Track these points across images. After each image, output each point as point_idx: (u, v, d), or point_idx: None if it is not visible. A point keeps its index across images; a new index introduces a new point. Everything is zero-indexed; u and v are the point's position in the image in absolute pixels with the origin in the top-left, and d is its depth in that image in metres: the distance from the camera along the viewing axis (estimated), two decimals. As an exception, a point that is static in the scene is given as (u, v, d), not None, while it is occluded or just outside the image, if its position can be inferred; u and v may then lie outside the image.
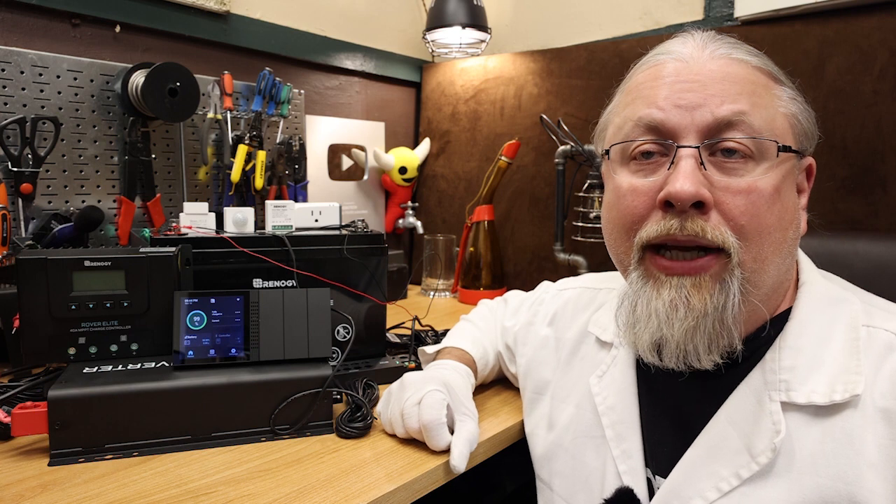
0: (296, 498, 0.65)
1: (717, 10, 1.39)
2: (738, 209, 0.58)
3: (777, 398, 0.59)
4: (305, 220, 1.07)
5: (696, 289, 0.59)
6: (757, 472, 0.58)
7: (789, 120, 0.62)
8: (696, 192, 0.57)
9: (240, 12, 1.42)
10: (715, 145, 0.59)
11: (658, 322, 0.60)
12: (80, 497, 0.64)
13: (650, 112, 0.61)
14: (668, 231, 0.59)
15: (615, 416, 0.71)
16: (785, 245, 0.61)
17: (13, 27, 1.11)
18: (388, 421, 0.79)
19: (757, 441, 0.59)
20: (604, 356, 0.76)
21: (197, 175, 1.37)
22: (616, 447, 0.69)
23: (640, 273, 0.63)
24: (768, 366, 0.61)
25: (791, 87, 0.64)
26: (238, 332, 0.80)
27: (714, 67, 0.61)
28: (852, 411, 0.56)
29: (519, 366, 0.89)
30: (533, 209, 1.64)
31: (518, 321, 0.93)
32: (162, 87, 1.18)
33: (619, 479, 0.67)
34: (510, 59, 1.69)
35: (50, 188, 1.15)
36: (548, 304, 0.89)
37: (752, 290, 0.59)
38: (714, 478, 0.60)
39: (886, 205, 1.13)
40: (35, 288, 0.77)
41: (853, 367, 0.58)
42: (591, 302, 0.84)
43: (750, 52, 0.64)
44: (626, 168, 0.65)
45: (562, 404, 0.79)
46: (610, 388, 0.73)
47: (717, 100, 0.59)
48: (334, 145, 1.70)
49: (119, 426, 0.72)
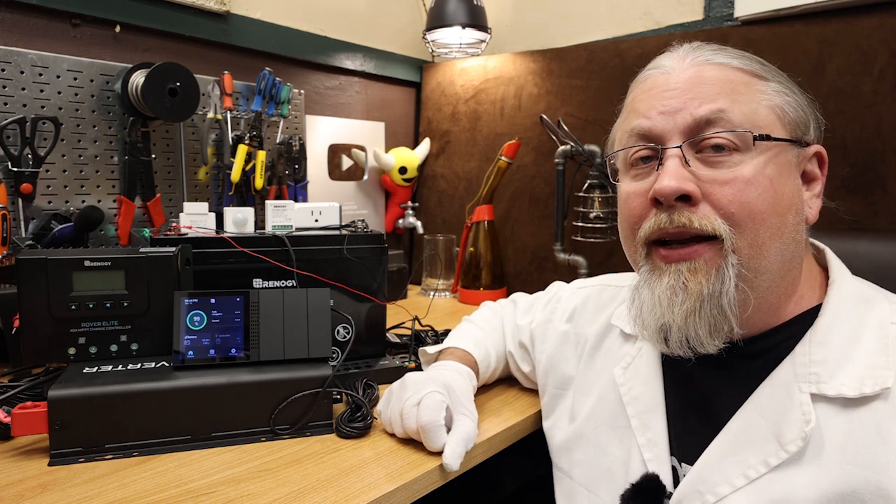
0: (296, 498, 0.65)
1: (717, 10, 1.38)
2: (725, 198, 0.62)
3: (807, 390, 0.60)
4: (305, 220, 1.07)
5: (692, 273, 0.62)
6: (785, 461, 0.59)
7: (775, 111, 0.65)
8: (679, 187, 0.62)
9: (240, 12, 1.42)
10: (700, 143, 0.64)
11: (661, 309, 0.63)
12: (80, 497, 0.64)
13: (640, 122, 0.67)
14: (660, 225, 0.64)
15: (640, 405, 0.73)
16: (785, 230, 0.63)
17: (13, 27, 1.11)
18: (387, 420, 0.79)
19: (786, 430, 0.60)
20: (628, 348, 0.78)
21: (197, 175, 1.37)
22: (641, 435, 0.71)
23: (647, 267, 0.67)
24: (798, 359, 0.62)
25: (778, 82, 0.67)
26: (238, 332, 0.80)
27: (692, 73, 0.66)
28: (882, 403, 0.57)
29: (538, 362, 0.90)
30: (533, 209, 1.64)
31: (534, 319, 0.94)
32: (162, 87, 1.18)
33: (645, 466, 0.69)
34: (510, 59, 1.69)
35: (50, 188, 1.15)
36: (566, 302, 0.91)
37: (753, 275, 0.62)
38: (742, 465, 0.61)
39: (886, 205, 1.13)
40: (35, 288, 0.77)
41: (882, 362, 0.59)
42: (613, 298, 0.86)
43: (731, 55, 0.67)
44: (628, 175, 0.71)
45: (584, 397, 0.81)
46: (635, 378, 0.75)
47: (696, 102, 0.64)
48: (334, 145, 1.70)
49: (119, 426, 0.72)
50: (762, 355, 0.65)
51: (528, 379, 0.95)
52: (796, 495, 0.58)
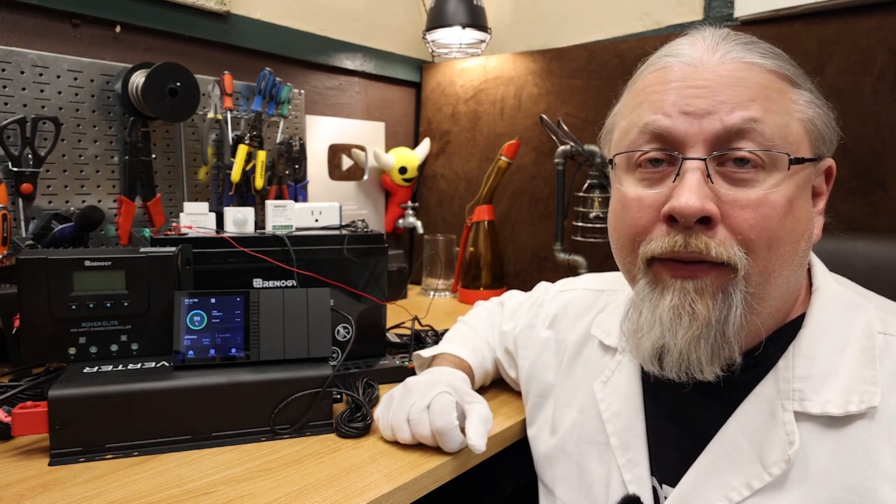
0: (296, 498, 0.65)
1: (716, 11, 1.39)
2: (746, 223, 0.56)
3: (790, 408, 0.58)
4: (305, 220, 1.07)
5: (699, 294, 0.57)
6: (769, 483, 0.57)
7: (805, 125, 0.59)
8: (702, 208, 0.55)
9: (240, 12, 1.42)
10: (724, 156, 0.57)
11: (661, 329, 0.58)
12: (80, 497, 0.64)
13: (656, 118, 0.59)
14: (673, 248, 0.57)
15: (620, 423, 0.70)
16: (796, 257, 0.59)
17: (13, 27, 1.11)
18: (388, 426, 0.77)
19: (769, 452, 0.57)
20: (608, 361, 0.75)
21: (197, 175, 1.37)
22: (622, 455, 0.68)
23: (647, 280, 0.61)
24: (781, 374, 0.60)
25: (809, 90, 0.61)
26: (238, 331, 0.81)
27: (724, 72, 0.58)
28: (868, 422, 0.55)
29: (521, 369, 0.88)
30: (533, 209, 1.64)
31: (517, 324, 0.91)
32: (162, 87, 1.18)
33: (625, 487, 0.67)
34: (510, 59, 1.69)
35: (50, 188, 1.15)
36: (548, 306, 0.88)
37: (757, 304, 0.58)
38: (724, 488, 0.59)
39: (886, 205, 1.13)
40: (35, 288, 0.77)
41: (869, 376, 0.56)
42: (593, 304, 0.82)
43: (764, 53, 0.60)
44: (632, 176, 0.63)
45: (565, 408, 0.78)
46: (614, 394, 0.72)
47: (728, 107, 0.56)
48: (334, 145, 1.70)
49: (119, 426, 0.72)
50: (747, 370, 0.61)
51: (516, 383, 0.93)
52: None
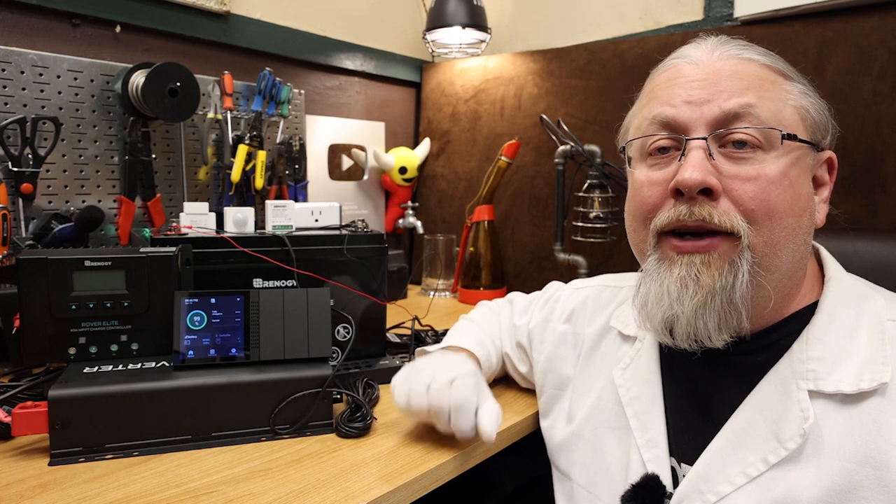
0: (296, 498, 0.65)
1: (716, 10, 1.39)
2: (746, 194, 0.61)
3: (805, 386, 0.61)
4: (305, 220, 1.07)
5: (706, 266, 0.62)
6: (785, 458, 0.60)
7: (799, 112, 0.65)
8: (703, 180, 0.61)
9: (240, 12, 1.42)
10: (724, 136, 0.63)
11: (669, 300, 0.63)
12: (81, 497, 0.64)
13: (664, 109, 0.66)
14: (679, 217, 0.63)
15: (639, 405, 0.73)
16: (799, 231, 0.63)
17: (13, 27, 1.11)
18: (405, 392, 0.76)
19: (785, 427, 0.60)
20: (627, 349, 0.78)
21: (197, 175, 1.37)
22: (641, 436, 0.71)
23: (656, 257, 0.66)
24: (796, 356, 0.63)
25: (802, 83, 0.68)
26: (238, 331, 0.81)
27: (722, 66, 0.65)
28: (879, 399, 0.58)
29: (536, 362, 0.90)
30: (533, 209, 1.64)
31: (532, 319, 0.93)
32: (162, 87, 1.18)
33: (644, 467, 0.69)
34: (510, 59, 1.69)
35: (50, 188, 1.15)
36: (564, 302, 0.91)
37: (764, 273, 0.62)
38: (742, 463, 0.62)
39: (886, 205, 1.13)
40: (35, 288, 0.77)
41: (879, 357, 0.60)
42: (612, 299, 0.85)
43: (760, 52, 0.68)
44: (644, 163, 0.69)
45: (582, 397, 0.80)
46: (634, 378, 0.75)
47: (725, 94, 0.63)
48: (334, 145, 1.70)
49: (119, 426, 0.72)
50: (761, 352, 0.65)
51: (525, 379, 0.95)
52: (798, 493, 0.58)
